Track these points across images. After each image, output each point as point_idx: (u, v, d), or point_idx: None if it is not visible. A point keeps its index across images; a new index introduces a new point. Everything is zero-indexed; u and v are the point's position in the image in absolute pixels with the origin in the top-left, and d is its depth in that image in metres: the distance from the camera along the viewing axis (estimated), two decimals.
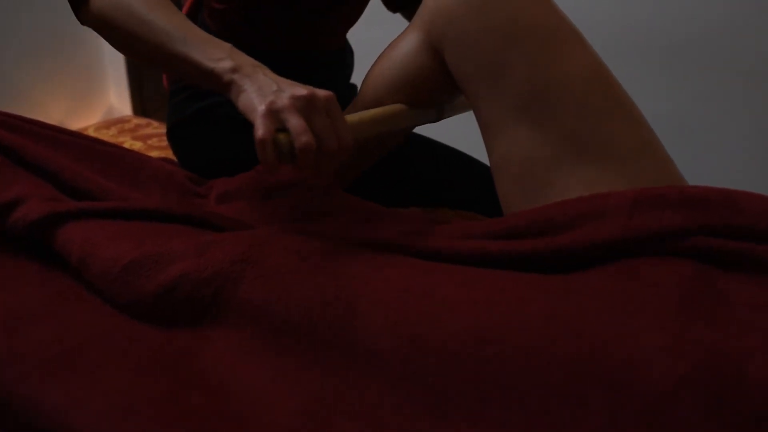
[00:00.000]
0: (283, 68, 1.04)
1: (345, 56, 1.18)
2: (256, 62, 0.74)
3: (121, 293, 0.70)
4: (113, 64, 2.77)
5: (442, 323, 0.56)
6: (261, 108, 0.66)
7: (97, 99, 2.80)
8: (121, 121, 1.86)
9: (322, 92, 0.68)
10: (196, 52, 0.74)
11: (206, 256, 0.67)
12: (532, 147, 0.69)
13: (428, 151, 1.12)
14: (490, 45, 0.71)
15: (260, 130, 0.65)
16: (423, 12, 0.79)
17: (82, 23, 0.89)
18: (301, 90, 0.67)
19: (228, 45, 0.76)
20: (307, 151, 0.64)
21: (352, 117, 0.76)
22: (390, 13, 1.24)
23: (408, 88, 0.83)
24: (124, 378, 0.62)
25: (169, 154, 1.40)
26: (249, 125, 1.02)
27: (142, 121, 1.83)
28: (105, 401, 0.60)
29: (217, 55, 0.73)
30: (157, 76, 2.77)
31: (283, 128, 0.67)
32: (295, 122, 0.65)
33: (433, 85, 0.82)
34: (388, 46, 0.86)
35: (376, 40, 1.09)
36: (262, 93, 0.68)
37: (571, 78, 0.69)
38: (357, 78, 1.10)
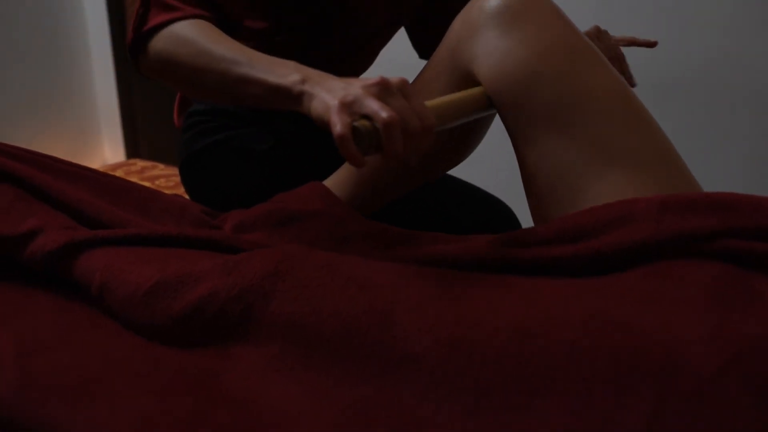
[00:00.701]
0: (299, 116, 1.06)
1: None
2: (324, 72, 0.73)
3: (145, 316, 0.69)
4: (107, 119, 2.80)
5: (482, 322, 0.55)
6: (334, 104, 0.65)
7: (91, 151, 2.83)
8: (127, 164, 1.86)
9: (394, 78, 0.66)
10: (264, 72, 0.75)
11: (234, 274, 0.66)
12: (562, 155, 0.70)
13: (446, 186, 1.12)
14: (518, 58, 0.73)
15: (337, 126, 0.62)
16: (450, 36, 0.81)
17: (141, 71, 0.91)
18: (372, 79, 0.66)
19: (293, 62, 0.76)
20: (392, 127, 0.61)
21: (430, 102, 0.73)
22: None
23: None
24: (147, 401, 0.60)
25: (178, 193, 1.40)
26: (261, 157, 1.04)
27: (148, 164, 1.84)
28: (125, 423, 0.58)
29: (284, 71, 0.73)
30: (151, 132, 2.79)
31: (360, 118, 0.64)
32: (372, 105, 0.63)
33: None
34: (413, 81, 0.87)
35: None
36: (333, 92, 0.67)
37: (596, 91, 0.71)
38: None
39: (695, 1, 1.85)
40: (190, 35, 0.82)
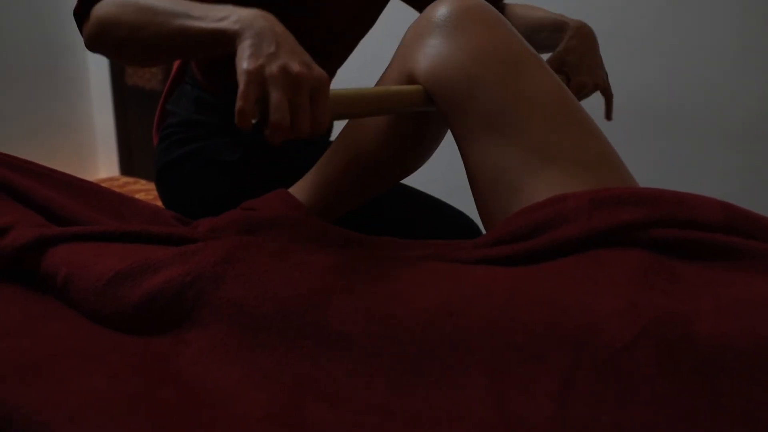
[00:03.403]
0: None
1: None
2: (265, 13, 0.73)
3: (106, 305, 0.71)
4: (103, 139, 2.86)
5: (410, 302, 0.58)
6: (250, 68, 0.66)
7: (90, 172, 2.88)
8: (112, 179, 1.91)
9: (314, 73, 0.68)
10: (201, 20, 0.75)
11: (190, 262, 0.69)
12: (501, 156, 0.73)
13: (400, 194, 1.16)
14: (459, 65, 0.77)
15: (241, 100, 0.65)
16: (402, 46, 0.86)
17: (86, 42, 0.91)
18: (295, 65, 0.67)
19: (231, 5, 0.76)
20: (279, 128, 0.64)
21: (343, 92, 0.76)
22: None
23: (391, 122, 0.89)
24: (98, 381, 0.63)
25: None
26: (230, 167, 1.07)
27: (131, 179, 1.89)
28: (79, 400, 0.60)
29: (221, 15, 0.74)
30: (144, 152, 2.84)
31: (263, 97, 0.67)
32: (275, 98, 0.65)
33: (412, 118, 0.89)
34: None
35: None
36: (259, 50, 0.67)
37: (535, 95, 0.74)
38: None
39: (698, 34, 1.89)
40: None
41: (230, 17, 0.72)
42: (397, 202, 1.14)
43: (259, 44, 0.68)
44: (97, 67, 3.48)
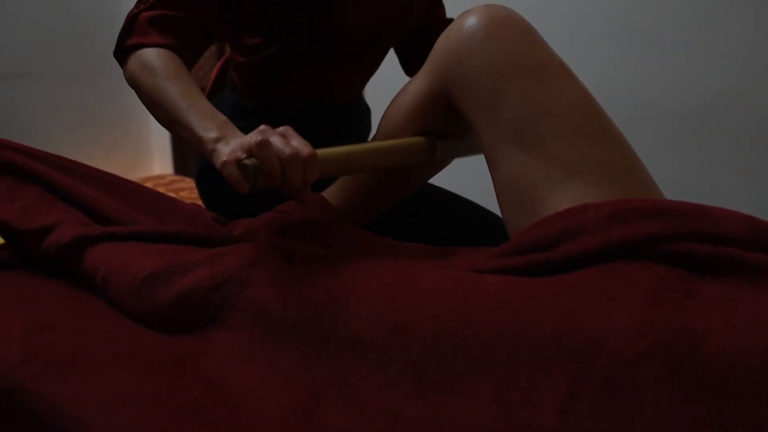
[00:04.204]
0: (300, 122, 1.12)
1: (362, 114, 1.26)
2: (241, 135, 0.80)
3: (140, 304, 0.75)
4: (159, 140, 2.94)
5: (425, 310, 0.59)
6: (225, 150, 0.74)
7: (145, 170, 2.96)
8: (159, 177, 1.97)
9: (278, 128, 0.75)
10: (194, 121, 0.83)
11: (219, 265, 0.72)
12: (525, 169, 0.74)
13: (436, 198, 1.17)
14: (487, 79, 0.77)
15: (223, 156, 0.73)
16: (432, 56, 0.86)
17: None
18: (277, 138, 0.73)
19: (223, 118, 0.84)
20: (265, 144, 0.70)
21: (327, 151, 0.81)
22: None
23: (416, 130, 0.90)
24: (130, 376, 0.66)
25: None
26: None
27: (177, 177, 1.94)
28: (109, 395, 0.63)
29: (208, 125, 0.81)
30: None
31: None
32: (250, 138, 0.72)
33: (439, 123, 0.89)
34: (399, 91, 0.93)
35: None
36: (228, 146, 0.75)
37: (560, 106, 0.74)
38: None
39: (712, 37, 1.86)
40: (154, 65, 0.91)
41: (213, 131, 0.80)
42: (428, 205, 1.15)
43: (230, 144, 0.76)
44: None
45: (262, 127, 0.74)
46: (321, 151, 0.78)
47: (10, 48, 2.64)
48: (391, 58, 1.28)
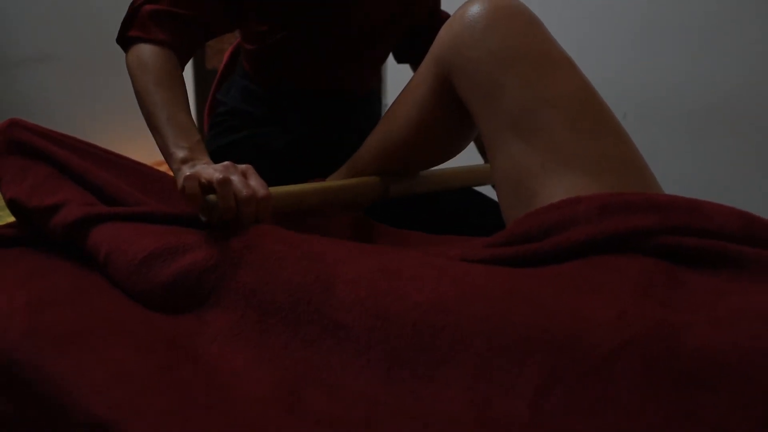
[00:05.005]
0: (307, 110, 1.13)
1: (372, 101, 1.26)
2: (208, 160, 0.84)
3: (138, 283, 0.76)
4: None
5: (407, 297, 0.59)
6: (186, 175, 0.77)
7: None
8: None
9: (241, 165, 0.80)
10: (169, 134, 0.87)
11: (215, 247, 0.73)
12: (522, 158, 0.73)
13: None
14: (487, 69, 0.77)
15: (181, 180, 0.76)
16: (435, 45, 0.86)
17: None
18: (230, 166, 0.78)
19: (197, 138, 0.87)
20: (226, 183, 0.75)
21: (279, 188, 0.87)
22: None
23: (420, 118, 0.90)
24: (126, 354, 0.67)
25: None
26: (275, 154, 1.12)
27: None
28: (103, 370, 0.65)
29: (181, 143, 0.86)
30: None
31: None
32: (213, 172, 0.76)
33: (443, 114, 0.88)
34: (407, 83, 0.93)
35: None
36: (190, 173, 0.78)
37: (560, 97, 0.73)
38: None
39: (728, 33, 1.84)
40: (149, 65, 0.94)
41: (183, 150, 0.85)
42: (443, 195, 1.15)
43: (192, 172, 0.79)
44: None
45: (227, 163, 0.79)
46: (275, 190, 0.85)
47: (35, 32, 2.67)
48: None
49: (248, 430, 0.55)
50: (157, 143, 0.91)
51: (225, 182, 0.75)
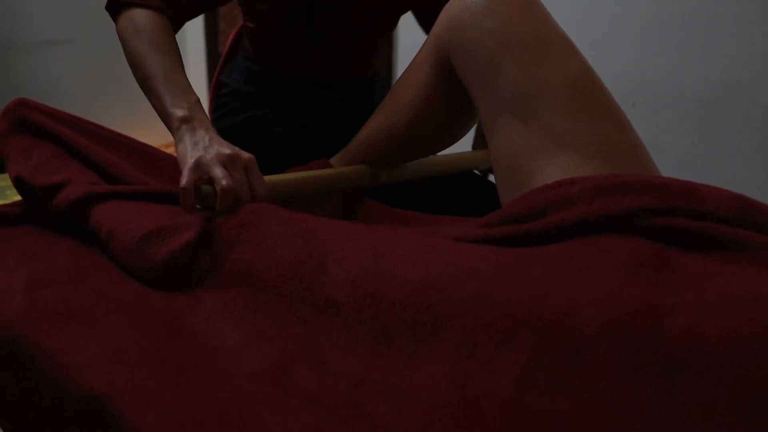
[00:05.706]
0: (312, 96, 1.13)
1: (374, 88, 1.26)
2: (206, 120, 0.85)
3: (137, 261, 0.77)
4: None
5: (396, 275, 0.59)
6: (190, 161, 0.78)
7: None
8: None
9: (245, 153, 0.81)
10: (166, 95, 0.87)
11: (210, 226, 0.73)
12: (518, 141, 0.73)
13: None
14: (487, 50, 0.76)
15: (184, 179, 0.77)
16: (435, 26, 0.86)
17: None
18: (227, 149, 0.80)
19: (195, 98, 0.87)
20: (227, 194, 0.75)
21: (273, 177, 0.88)
22: None
23: (421, 100, 0.90)
24: (121, 331, 0.68)
25: None
26: (275, 140, 1.12)
27: None
28: (98, 347, 0.66)
29: (179, 103, 0.85)
30: None
31: (206, 182, 0.79)
32: (218, 172, 0.77)
33: (443, 96, 0.88)
34: (408, 65, 0.93)
35: None
36: (196, 147, 0.80)
37: (558, 80, 0.72)
38: None
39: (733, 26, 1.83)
40: (142, 28, 0.93)
41: (182, 110, 0.85)
42: (444, 179, 1.14)
43: (195, 143, 0.81)
44: (193, 35, 3.62)
45: (232, 155, 0.80)
46: (270, 179, 0.87)
47: (47, 16, 2.69)
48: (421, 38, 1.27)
49: (238, 406, 0.56)
50: (153, 105, 0.91)
51: (227, 193, 0.76)
